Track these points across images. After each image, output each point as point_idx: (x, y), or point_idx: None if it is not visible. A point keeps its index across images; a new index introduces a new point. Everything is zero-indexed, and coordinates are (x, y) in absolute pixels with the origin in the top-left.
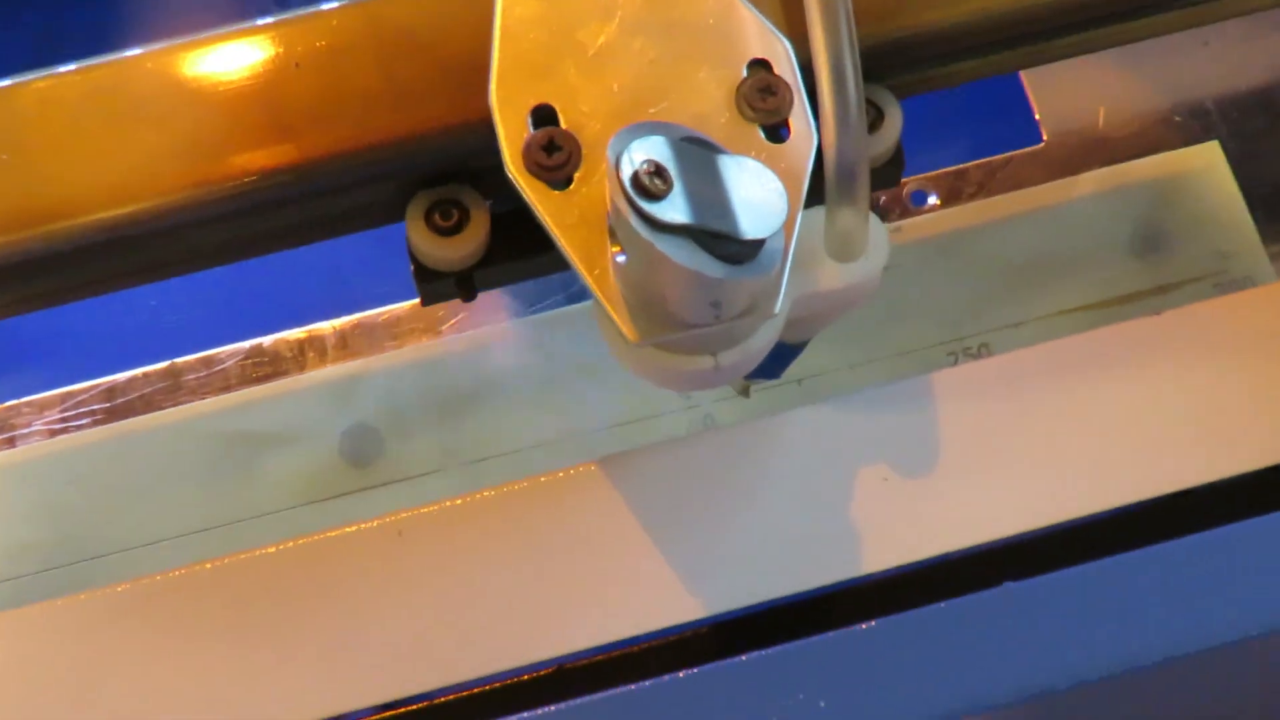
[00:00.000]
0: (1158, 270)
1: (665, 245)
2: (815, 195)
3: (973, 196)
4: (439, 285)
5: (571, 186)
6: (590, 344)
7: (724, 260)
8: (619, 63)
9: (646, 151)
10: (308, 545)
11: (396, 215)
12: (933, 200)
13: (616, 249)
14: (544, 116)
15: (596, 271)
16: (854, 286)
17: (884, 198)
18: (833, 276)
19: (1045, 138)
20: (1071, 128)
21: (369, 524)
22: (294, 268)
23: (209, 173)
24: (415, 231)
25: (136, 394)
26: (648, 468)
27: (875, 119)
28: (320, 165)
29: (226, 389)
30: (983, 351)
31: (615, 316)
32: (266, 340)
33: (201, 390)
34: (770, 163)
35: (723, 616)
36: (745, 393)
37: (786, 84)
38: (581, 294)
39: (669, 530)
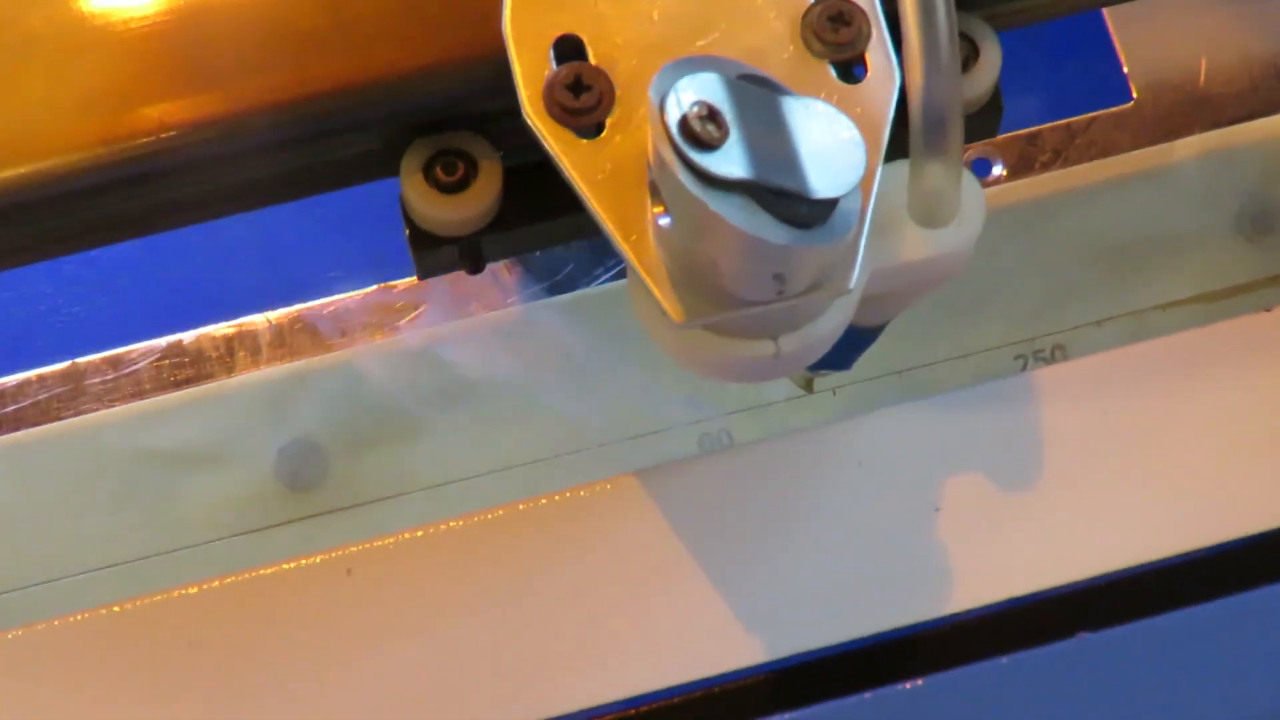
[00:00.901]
0: (1270, 256)
1: (720, 204)
2: (898, 147)
3: (1047, 166)
4: (440, 254)
5: (603, 134)
6: (580, 344)
7: (789, 224)
8: None
9: (697, 91)
10: (236, 585)
11: (389, 169)
12: (998, 170)
13: (659, 209)
14: (569, 50)
15: (634, 237)
16: (943, 257)
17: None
18: (918, 245)
19: (1135, 95)
20: (1167, 83)
21: (311, 559)
22: (221, 248)
23: (120, 126)
24: (412, 188)
25: (29, 401)
26: (650, 494)
27: (969, 55)
28: (294, 107)
29: (138, 396)
30: (1057, 354)
31: (657, 292)
32: (187, 336)
33: (108, 397)
34: (843, 107)
35: (741, 674)
36: (809, 387)
37: (862, 11)
38: (568, 283)
39: (672, 571)
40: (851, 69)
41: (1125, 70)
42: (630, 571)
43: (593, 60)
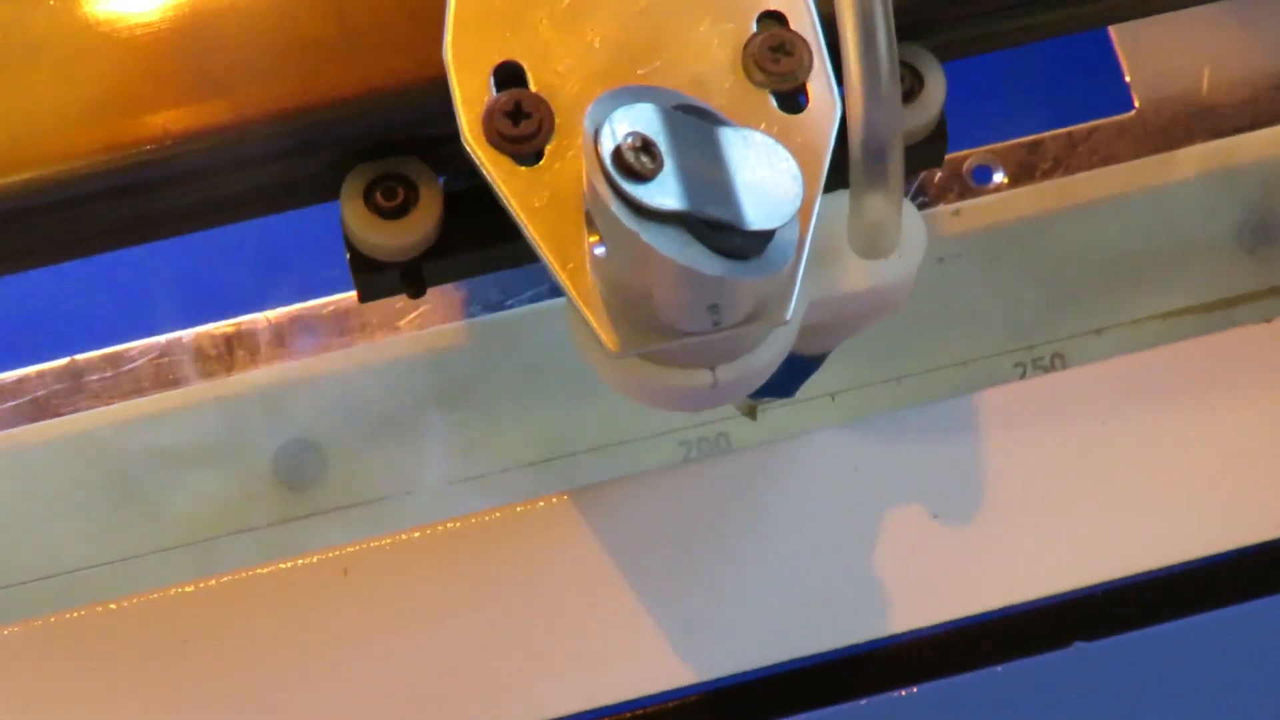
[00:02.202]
0: (1270, 267)
1: (653, 236)
2: (838, 178)
3: (1048, 175)
4: (381, 278)
5: (542, 162)
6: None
7: (724, 255)
8: (602, 12)
9: (632, 122)
10: (233, 584)
11: (329, 194)
12: (999, 178)
13: (595, 239)
14: (510, 76)
15: (570, 266)
16: (883, 289)
17: (939, 174)
18: (858, 276)
19: (1137, 105)
20: (1169, 93)
21: (307, 559)
22: (220, 247)
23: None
24: (352, 213)
25: (28, 397)
26: (647, 497)
27: (913, 86)
28: (229, 132)
29: (137, 393)
30: (1056, 363)
31: (593, 321)
32: (186, 335)
33: (106, 394)
34: (783, 137)
35: (736, 680)
36: (752, 414)
37: (804, 41)
38: None
39: (667, 575)
40: (793, 99)
41: (1127, 79)
42: (626, 574)
43: (533, 87)
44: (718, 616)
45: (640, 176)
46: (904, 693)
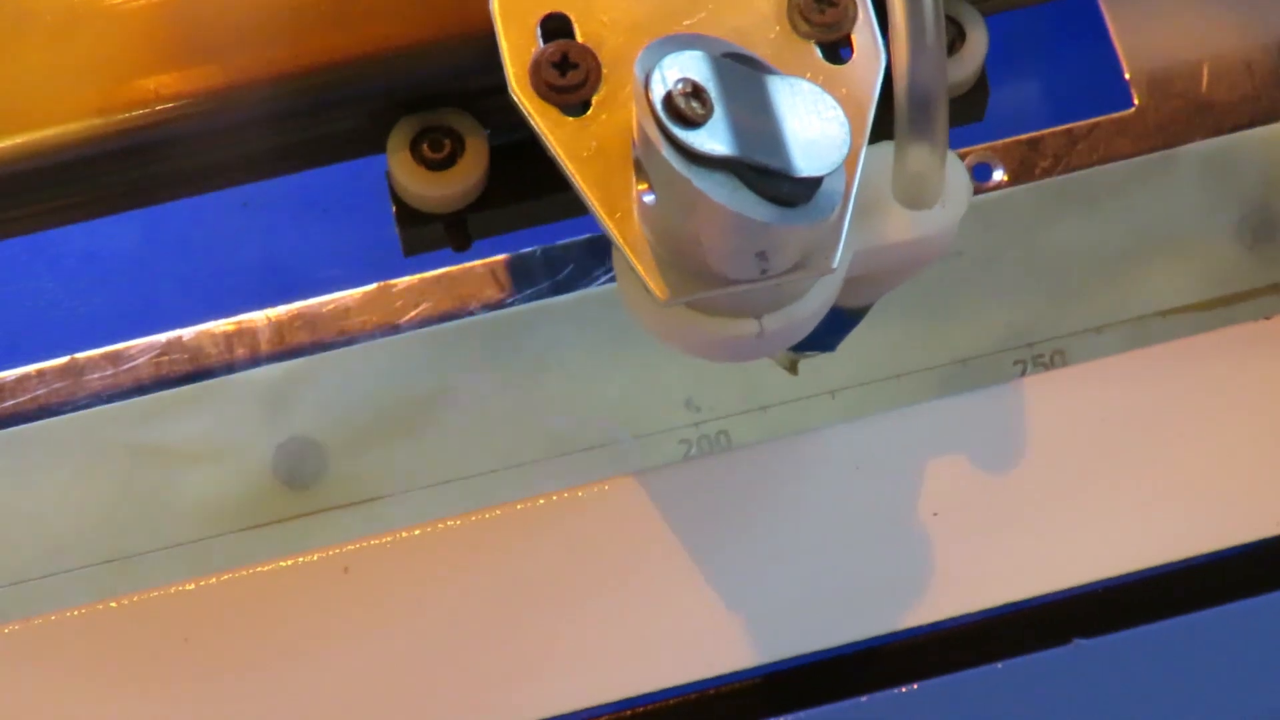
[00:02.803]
0: (1270, 264)
1: (703, 182)
2: (883, 128)
3: (1048, 172)
4: (426, 231)
5: (589, 112)
6: (579, 345)
7: (773, 202)
8: None
9: (682, 69)
10: (233, 581)
11: (375, 145)
12: (999, 175)
13: (644, 187)
14: (556, 28)
15: (618, 215)
16: (927, 239)
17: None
18: (902, 226)
19: (1137, 101)
20: (1169, 89)
21: (308, 557)
22: (222, 245)
23: (116, 96)
24: (399, 165)
25: (27, 395)
26: (647, 495)
27: (955, 38)
28: (285, 81)
29: (138, 392)
30: (1056, 360)
31: (641, 269)
32: (187, 333)
33: (107, 393)
34: (828, 87)
35: (737, 677)
36: (793, 368)
37: None
38: (567, 284)
39: (668, 572)
40: (838, 50)
41: (1127, 76)
42: (627, 572)
43: (579, 38)
44: (719, 614)
45: (691, 122)
46: (905, 689)
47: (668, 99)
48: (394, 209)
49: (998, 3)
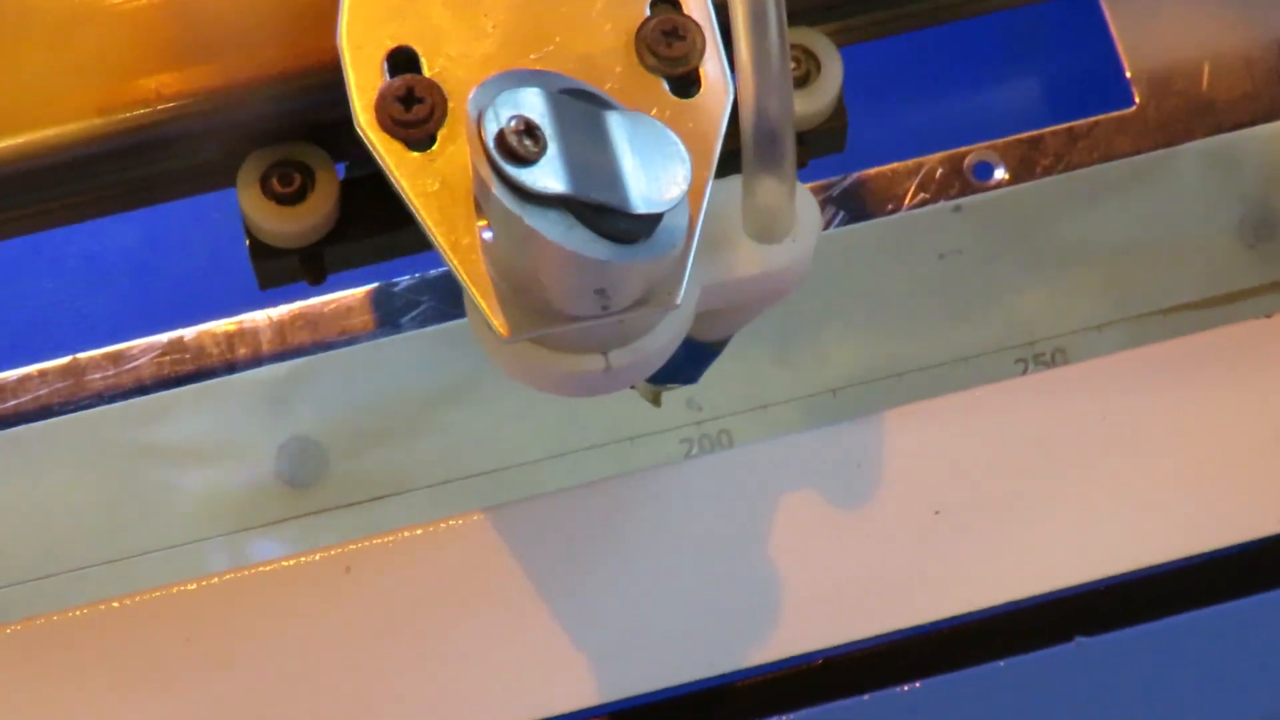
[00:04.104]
0: (1271, 262)
1: (537, 220)
2: (735, 163)
3: (1049, 170)
4: (280, 264)
5: (435, 147)
6: None
7: (611, 239)
8: None
9: (516, 105)
10: (235, 582)
11: (225, 180)
12: (1000, 174)
13: (483, 223)
14: (403, 61)
15: (462, 251)
16: (778, 273)
17: (940, 170)
18: (752, 260)
19: (1138, 99)
20: (1169, 88)
21: (309, 557)
22: (222, 244)
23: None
24: (248, 200)
25: (29, 396)
26: (649, 494)
27: (809, 71)
28: (121, 122)
29: (139, 392)
30: (1057, 358)
31: (484, 306)
32: (188, 333)
33: (108, 393)
34: (675, 121)
35: (741, 675)
36: (656, 401)
37: (697, 25)
38: None
39: (671, 570)
40: (686, 83)
41: (1128, 74)
42: (628, 571)
43: (427, 72)
44: (719, 614)
45: (523, 160)
46: (907, 688)
47: (500, 136)
48: (247, 243)
49: (854, 35)
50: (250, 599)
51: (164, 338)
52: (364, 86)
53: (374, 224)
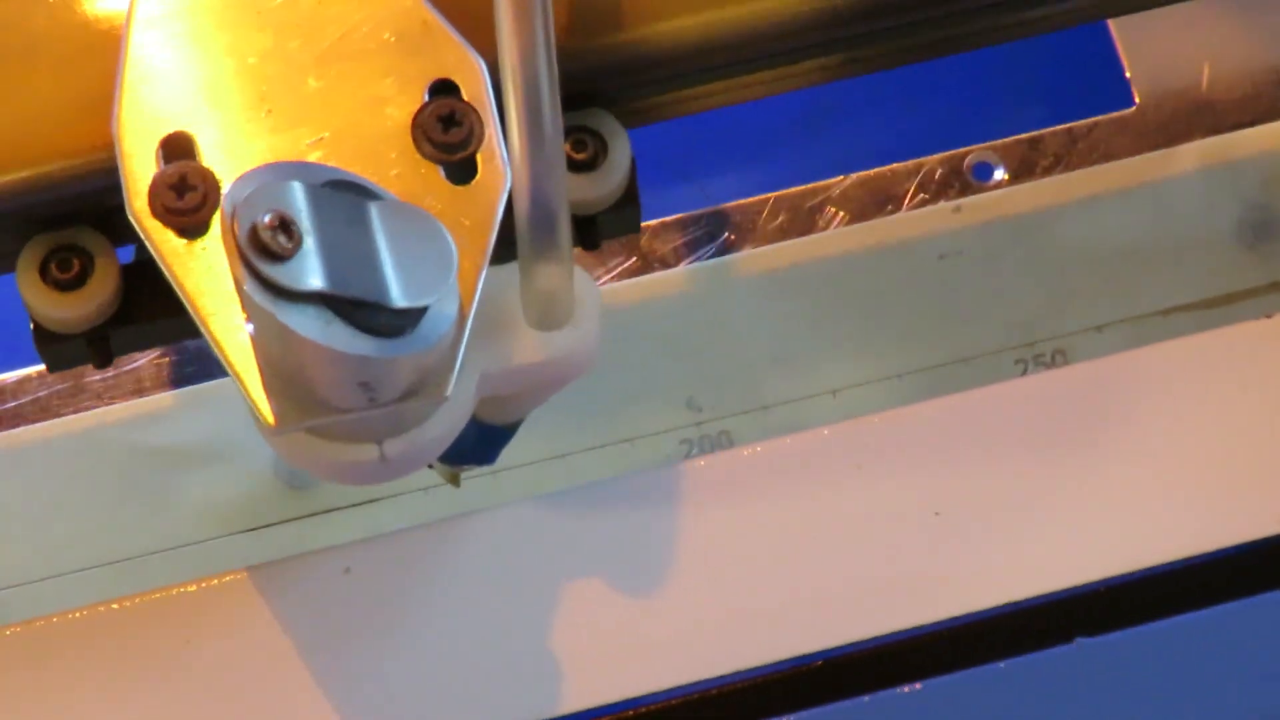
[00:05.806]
0: (1270, 263)
1: (289, 316)
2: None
3: (1048, 171)
4: (66, 348)
5: (206, 235)
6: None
7: (373, 333)
8: (274, 82)
9: (271, 200)
10: (235, 583)
11: (9, 264)
12: (999, 174)
13: (246, 316)
14: (178, 148)
15: (232, 341)
16: (560, 360)
17: (939, 171)
18: (533, 348)
19: (1138, 100)
20: (1169, 89)
21: (309, 557)
22: None
23: None
24: (26, 286)
25: (29, 397)
26: (652, 493)
27: (597, 152)
28: None
29: (139, 393)
30: (1057, 359)
31: (252, 397)
32: None
33: (109, 394)
34: (451, 209)
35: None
36: (455, 481)
37: (475, 112)
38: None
39: (670, 571)
40: (464, 170)
41: (1127, 75)
42: (629, 571)
43: (202, 160)
44: (718, 614)
45: (277, 256)
46: (908, 689)
47: (253, 232)
48: (31, 326)
49: (642, 117)
50: (250, 599)
51: None
52: (137, 174)
53: (160, 307)
